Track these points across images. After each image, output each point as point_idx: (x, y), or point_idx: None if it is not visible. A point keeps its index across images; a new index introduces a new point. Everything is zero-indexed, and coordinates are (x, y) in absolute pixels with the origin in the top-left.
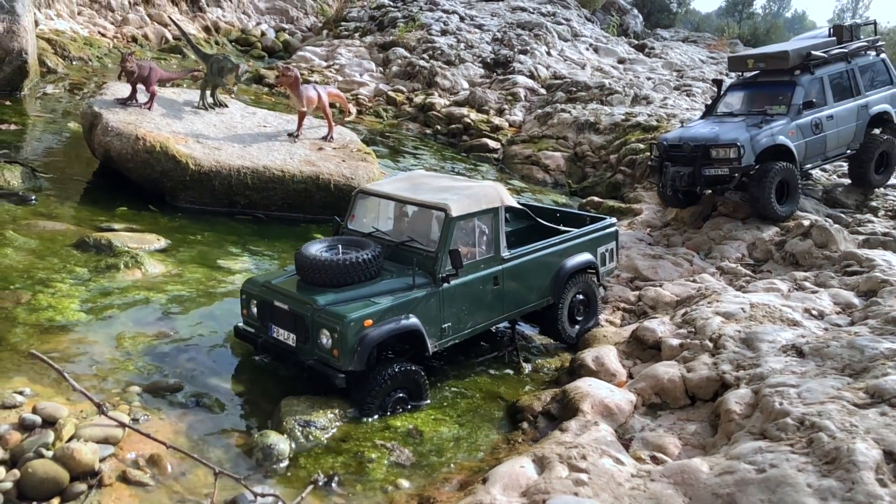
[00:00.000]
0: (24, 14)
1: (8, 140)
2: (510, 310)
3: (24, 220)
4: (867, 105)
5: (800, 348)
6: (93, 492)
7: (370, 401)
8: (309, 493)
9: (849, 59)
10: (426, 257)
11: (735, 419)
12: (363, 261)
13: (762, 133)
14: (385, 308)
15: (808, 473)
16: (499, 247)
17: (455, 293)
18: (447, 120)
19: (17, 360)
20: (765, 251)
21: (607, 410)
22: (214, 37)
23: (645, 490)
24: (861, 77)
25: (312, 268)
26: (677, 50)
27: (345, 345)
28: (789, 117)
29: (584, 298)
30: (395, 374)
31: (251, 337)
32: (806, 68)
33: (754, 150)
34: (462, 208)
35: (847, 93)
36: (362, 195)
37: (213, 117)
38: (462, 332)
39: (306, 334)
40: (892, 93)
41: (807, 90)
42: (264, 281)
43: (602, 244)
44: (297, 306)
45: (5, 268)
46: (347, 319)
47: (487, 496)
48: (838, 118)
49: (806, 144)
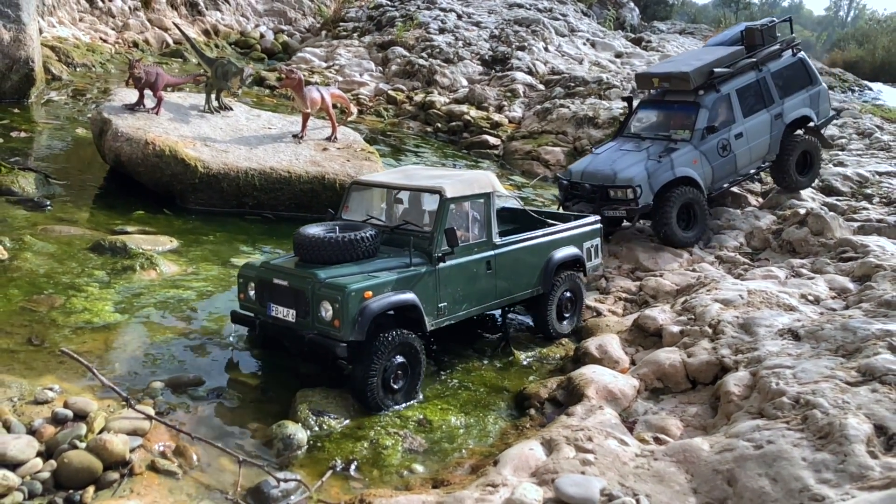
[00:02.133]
0: (29, 23)
1: (19, 147)
2: (503, 296)
3: (41, 225)
4: (782, 113)
5: (796, 332)
6: (125, 480)
7: (373, 366)
8: (328, 478)
9: (759, 67)
10: (422, 237)
11: (734, 400)
12: (361, 238)
13: (661, 168)
14: (384, 282)
15: (803, 448)
16: (491, 232)
17: (450, 273)
18: (447, 118)
19: (45, 358)
20: (762, 240)
21: (611, 395)
22: (214, 40)
23: (649, 468)
24: (774, 84)
25: (311, 245)
26: (674, 42)
27: (346, 315)
28: (692, 144)
29: (572, 296)
30: (394, 339)
31: (249, 319)
32: (711, 86)
33: (652, 189)
34: (456, 191)
35: (759, 104)
36: (357, 186)
37: (219, 120)
38: (457, 313)
39: (306, 308)
40: (813, 94)
41: (711, 112)
42: (262, 263)
43: (588, 239)
44: (297, 282)
45: (30, 272)
46: (349, 290)
47: (499, 477)
48: (749, 134)
49: (713, 169)
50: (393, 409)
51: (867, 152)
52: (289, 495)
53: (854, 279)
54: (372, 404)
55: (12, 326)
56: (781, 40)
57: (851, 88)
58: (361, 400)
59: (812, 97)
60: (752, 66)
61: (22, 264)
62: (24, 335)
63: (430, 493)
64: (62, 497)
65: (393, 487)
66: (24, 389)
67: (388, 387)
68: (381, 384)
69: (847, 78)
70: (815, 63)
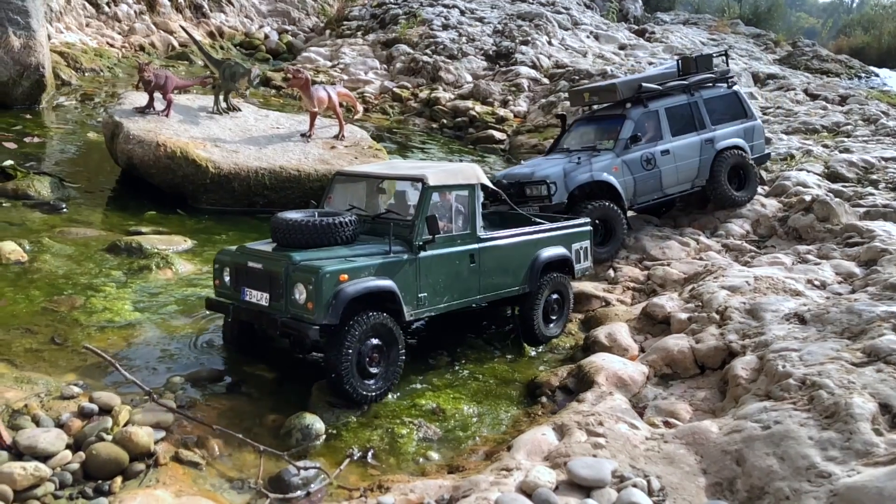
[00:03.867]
0: (38, 29)
1: (33, 152)
2: (487, 291)
3: (58, 227)
4: (713, 139)
5: (802, 316)
6: (151, 470)
7: (347, 349)
8: (347, 466)
9: (691, 91)
10: (403, 226)
11: (742, 384)
12: (339, 223)
13: (579, 169)
14: (361, 266)
15: (810, 427)
16: (475, 225)
17: (431, 263)
18: (453, 113)
19: (68, 356)
20: (768, 227)
21: (621, 382)
22: (219, 41)
23: (659, 451)
24: (706, 110)
25: (288, 229)
26: (678, 33)
27: (320, 297)
28: (614, 152)
29: (559, 297)
30: (368, 320)
31: (223, 306)
32: (639, 101)
33: (567, 187)
34: (439, 179)
35: (689, 126)
36: (339, 178)
37: (228, 121)
38: (438, 305)
39: (280, 292)
40: (747, 127)
41: (637, 124)
42: (237, 247)
43: (577, 241)
44: (271, 265)
45: (49, 274)
46: (323, 271)
47: (513, 461)
48: (677, 153)
49: (635, 181)
50: (372, 396)
51: (873, 138)
52: (309, 483)
53: (860, 264)
54: (348, 390)
55: (36, 326)
56: (718, 71)
57: (858, 75)
58: (337, 388)
59: (746, 130)
60: (684, 89)
61: (42, 266)
62: (47, 334)
63: (447, 478)
64: (91, 487)
65: (409, 474)
66: (51, 386)
67: (365, 371)
68: (357, 369)
69: (853, 64)
70: (820, 50)
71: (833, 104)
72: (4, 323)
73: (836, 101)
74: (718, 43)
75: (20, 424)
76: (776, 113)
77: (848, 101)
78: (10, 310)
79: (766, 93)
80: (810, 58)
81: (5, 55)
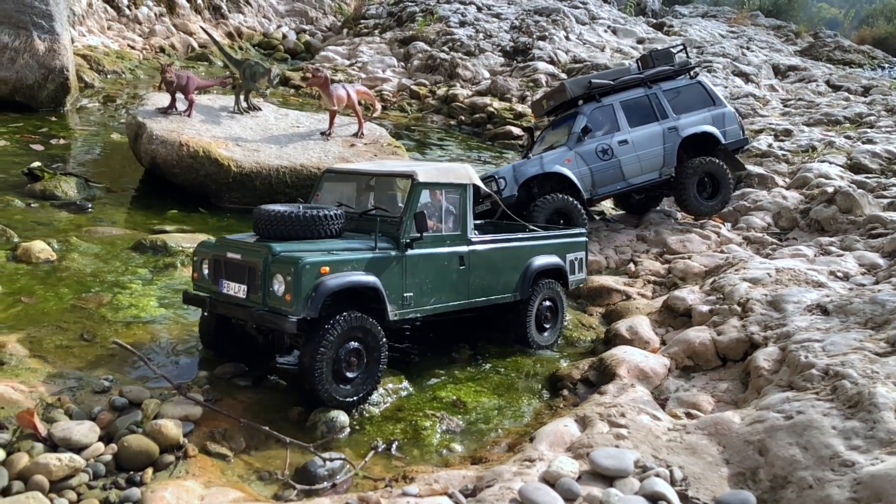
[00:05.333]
0: (62, 33)
1: (59, 153)
2: (477, 296)
3: (85, 227)
4: (677, 127)
5: (824, 307)
6: (180, 462)
7: (322, 350)
8: (371, 458)
9: (648, 84)
10: (390, 222)
11: (764, 375)
12: (324, 215)
13: (527, 164)
14: (344, 260)
15: (833, 417)
16: (466, 226)
17: (419, 262)
18: (470, 110)
19: (97, 352)
20: (790, 219)
21: (643, 374)
22: (238, 42)
23: (681, 441)
24: (667, 101)
25: (270, 220)
26: (697, 26)
27: (299, 289)
28: (567, 145)
29: (552, 305)
30: (348, 320)
31: (200, 299)
32: (591, 97)
33: (517, 181)
34: (429, 176)
35: (649, 117)
36: (329, 175)
37: (249, 121)
38: (424, 306)
39: (258, 283)
40: (716, 114)
41: (590, 118)
42: (218, 239)
43: (571, 251)
44: (250, 255)
45: (77, 272)
46: (303, 262)
47: (535, 452)
48: (637, 143)
49: (591, 171)
50: (345, 402)
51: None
52: (335, 474)
53: (884, 255)
54: (319, 394)
55: (65, 323)
56: (679, 63)
57: (881, 65)
58: (308, 388)
59: (715, 117)
60: (641, 82)
61: (70, 264)
62: (76, 331)
63: (470, 469)
64: (123, 478)
65: (433, 465)
66: (83, 381)
67: (341, 375)
68: (333, 372)
69: (876, 55)
70: (843, 41)
71: (856, 95)
72: (36, 320)
73: (859, 92)
74: (738, 35)
75: (54, 417)
76: (797, 105)
77: (871, 92)
78: (40, 307)
79: (786, 84)
80: (832, 49)
81: (31, 59)
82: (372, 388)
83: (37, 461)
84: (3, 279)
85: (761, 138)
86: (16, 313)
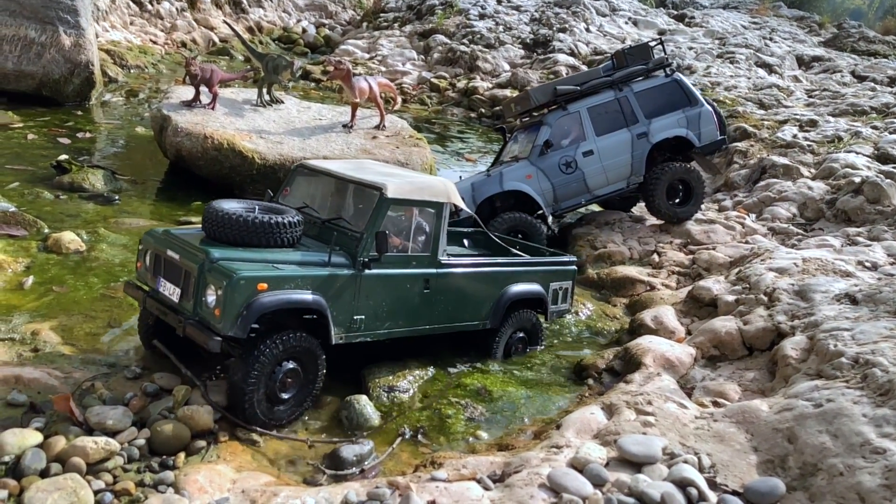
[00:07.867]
0: (87, 28)
1: (86, 147)
2: (439, 322)
3: (112, 218)
4: (647, 133)
5: (853, 296)
6: (211, 447)
7: (254, 373)
8: (399, 444)
9: (619, 86)
10: (350, 237)
11: (791, 363)
12: (275, 223)
13: (487, 182)
14: (286, 276)
15: (863, 405)
16: (436, 248)
17: (376, 284)
18: (490, 103)
19: (126, 340)
20: (816, 210)
21: (668, 363)
22: (258, 36)
23: (709, 429)
24: (639, 104)
25: (217, 222)
26: (718, 17)
27: (229, 305)
28: (528, 160)
29: (525, 337)
30: (284, 342)
31: (139, 293)
32: (558, 105)
33: (475, 201)
34: (400, 192)
35: (617, 123)
36: (301, 170)
37: (272, 113)
38: (377, 331)
39: (191, 290)
40: (690, 114)
41: (554, 129)
42: (163, 231)
43: (556, 280)
44: (187, 258)
45: (106, 262)
46: (237, 277)
47: (562, 439)
48: (603, 153)
49: (553, 186)
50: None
51: None
52: (363, 460)
53: None
54: (251, 419)
55: (94, 312)
56: (654, 61)
57: None
58: (237, 410)
59: (690, 118)
60: (611, 85)
61: (99, 255)
62: (105, 319)
63: (497, 455)
64: (157, 461)
65: (460, 452)
66: (115, 367)
67: (275, 397)
68: (265, 395)
69: None
70: (867, 31)
71: (882, 85)
72: (67, 309)
73: (885, 83)
74: (760, 26)
75: (88, 403)
76: (822, 95)
77: None
78: (71, 297)
79: (811, 75)
80: (857, 39)
81: (57, 53)
82: (307, 406)
83: (74, 444)
84: (35, 269)
85: (786, 129)
86: (48, 302)
